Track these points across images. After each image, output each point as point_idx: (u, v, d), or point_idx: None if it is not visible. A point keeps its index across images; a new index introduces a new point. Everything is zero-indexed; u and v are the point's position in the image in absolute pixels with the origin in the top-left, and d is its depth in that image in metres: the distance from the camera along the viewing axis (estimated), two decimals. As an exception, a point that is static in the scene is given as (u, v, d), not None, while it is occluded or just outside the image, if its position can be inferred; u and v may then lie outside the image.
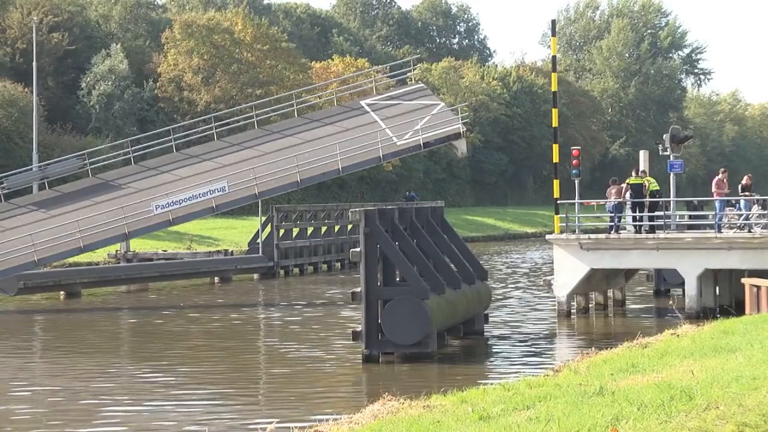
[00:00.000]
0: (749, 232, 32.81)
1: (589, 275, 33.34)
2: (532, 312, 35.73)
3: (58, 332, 33.46)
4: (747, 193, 34.35)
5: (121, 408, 20.56)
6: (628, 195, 34.70)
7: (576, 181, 35.79)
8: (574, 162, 36.32)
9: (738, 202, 34.87)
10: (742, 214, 34.26)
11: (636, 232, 34.18)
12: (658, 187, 34.80)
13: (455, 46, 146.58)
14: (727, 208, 34.97)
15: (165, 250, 56.50)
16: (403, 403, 15.78)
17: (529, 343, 28.61)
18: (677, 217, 36.57)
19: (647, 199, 34.08)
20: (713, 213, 34.81)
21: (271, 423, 15.86)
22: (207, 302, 42.27)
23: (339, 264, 58.61)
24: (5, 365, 27.20)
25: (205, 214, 41.94)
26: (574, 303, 34.10)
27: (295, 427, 14.93)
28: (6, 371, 25.93)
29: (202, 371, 25.07)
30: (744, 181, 34.81)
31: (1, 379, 24.59)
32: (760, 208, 34.10)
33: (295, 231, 56.05)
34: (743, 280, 29.72)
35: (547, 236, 35.39)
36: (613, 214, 34.98)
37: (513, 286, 45.84)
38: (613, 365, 17.37)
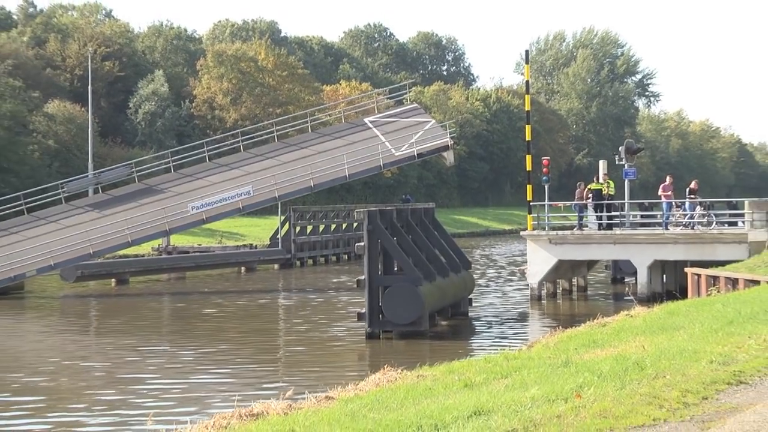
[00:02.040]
0: (692, 229, 32.81)
1: (557, 265, 33.34)
2: (509, 297, 35.71)
3: (109, 314, 33.45)
4: (693, 196, 34.33)
5: (159, 380, 20.50)
6: (589, 198, 34.74)
7: (546, 186, 35.77)
8: (544, 170, 36.29)
9: (683, 203, 34.85)
10: (687, 214, 34.25)
11: (598, 229, 34.18)
12: (613, 192, 34.79)
13: (444, 72, 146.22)
14: (675, 209, 34.98)
15: (200, 244, 56.48)
16: (400, 373, 15.77)
17: (506, 322, 28.58)
18: (631, 216, 36.56)
19: (605, 202, 34.12)
20: (661, 213, 34.83)
21: (289, 390, 15.85)
22: (234, 288, 42.28)
23: (346, 256, 58.56)
24: (65, 341, 27.22)
25: (233, 213, 41.93)
26: (544, 289, 34.08)
27: (310, 393, 14.91)
28: (65, 347, 25.94)
29: (229, 347, 25.04)
30: (692, 186, 34.78)
31: (60, 354, 24.59)
32: (702, 209, 34.11)
33: (309, 228, 56.04)
34: (686, 269, 29.73)
35: (522, 233, 35.38)
36: (578, 214, 35.08)
37: (492, 274, 45.82)
38: (577, 341, 17.35)
